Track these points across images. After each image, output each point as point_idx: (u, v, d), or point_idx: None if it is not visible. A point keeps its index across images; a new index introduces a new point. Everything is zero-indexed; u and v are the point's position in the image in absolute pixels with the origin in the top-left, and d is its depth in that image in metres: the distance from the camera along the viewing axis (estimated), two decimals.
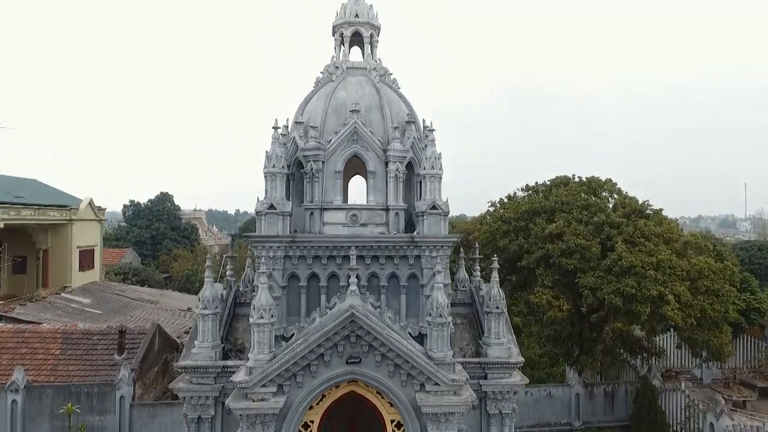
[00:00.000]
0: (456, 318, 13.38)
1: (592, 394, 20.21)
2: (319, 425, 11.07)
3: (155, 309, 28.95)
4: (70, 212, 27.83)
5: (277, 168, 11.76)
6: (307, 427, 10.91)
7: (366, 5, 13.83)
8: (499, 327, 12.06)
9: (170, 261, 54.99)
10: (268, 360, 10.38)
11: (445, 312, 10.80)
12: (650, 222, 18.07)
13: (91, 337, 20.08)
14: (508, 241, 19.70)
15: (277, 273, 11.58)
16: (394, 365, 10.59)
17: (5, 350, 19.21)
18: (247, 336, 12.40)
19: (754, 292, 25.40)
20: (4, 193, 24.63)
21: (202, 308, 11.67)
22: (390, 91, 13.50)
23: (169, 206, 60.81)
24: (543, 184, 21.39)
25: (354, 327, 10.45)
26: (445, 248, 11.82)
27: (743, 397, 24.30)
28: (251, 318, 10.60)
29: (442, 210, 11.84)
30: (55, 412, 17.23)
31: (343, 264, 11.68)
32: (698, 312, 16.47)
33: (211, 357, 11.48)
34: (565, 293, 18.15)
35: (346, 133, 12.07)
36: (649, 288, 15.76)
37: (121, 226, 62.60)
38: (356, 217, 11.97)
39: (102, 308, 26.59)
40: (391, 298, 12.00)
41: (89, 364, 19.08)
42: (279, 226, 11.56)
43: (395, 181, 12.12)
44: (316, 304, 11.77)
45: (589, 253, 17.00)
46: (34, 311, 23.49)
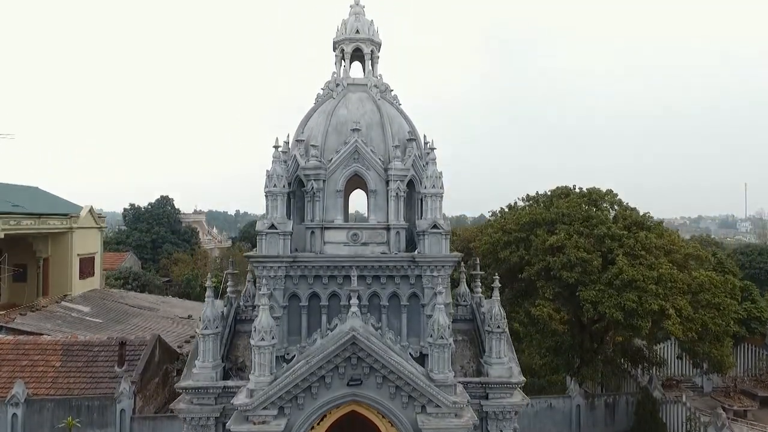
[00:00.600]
0: (457, 334, 13.36)
1: (593, 405, 20.18)
2: None
3: (155, 317, 28.95)
4: (71, 220, 27.81)
5: (278, 187, 11.74)
6: None
7: (367, 21, 13.81)
8: (500, 346, 12.04)
9: (170, 265, 55.00)
10: (269, 382, 10.37)
11: (446, 333, 10.79)
12: (651, 234, 18.05)
13: (91, 348, 20.06)
14: (509, 252, 19.67)
15: (278, 293, 11.55)
16: (395, 387, 10.58)
17: (6, 362, 19.19)
18: (248, 354, 12.38)
19: (755, 300, 25.39)
20: (3, 202, 24.60)
21: (203, 328, 11.64)
22: (391, 107, 13.48)
23: (169, 210, 60.81)
24: (544, 195, 21.38)
25: (355, 349, 10.44)
26: (446, 268, 11.79)
27: (744, 407, 24.28)
28: (252, 340, 10.58)
29: (443, 229, 11.81)
30: (56, 425, 17.21)
31: (344, 283, 11.66)
32: (699, 326, 16.45)
33: (212, 377, 11.45)
34: (566, 305, 18.13)
35: (347, 152, 12.05)
36: (650, 302, 15.73)
37: (121, 230, 62.57)
38: (357, 236, 11.95)
39: (102, 317, 26.57)
40: (392, 317, 11.98)
41: (90, 376, 19.05)
42: (279, 246, 11.53)
43: (396, 200, 12.09)
44: (317, 323, 11.76)
45: (590, 266, 16.98)
46: (35, 321, 23.47)
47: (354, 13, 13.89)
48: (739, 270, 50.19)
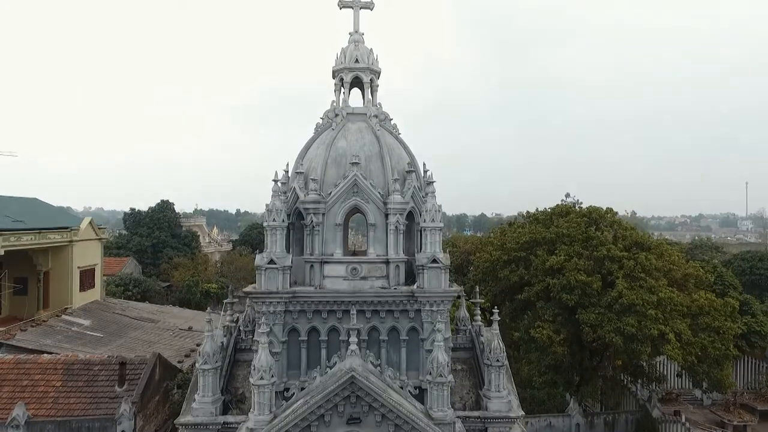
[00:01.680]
0: (456, 364, 13.41)
1: (593, 423, 20.22)
2: None
3: (155, 329, 28.99)
4: (71, 233, 27.80)
5: (277, 222, 11.74)
6: None
7: (366, 50, 13.76)
8: (500, 379, 12.05)
9: (171, 270, 55.03)
10: (268, 421, 10.40)
11: (445, 371, 10.81)
12: (651, 255, 18.03)
13: (91, 367, 20.05)
14: (508, 271, 19.67)
15: (278, 328, 11.57)
16: (394, 425, 10.60)
17: (6, 382, 19.20)
18: (247, 385, 12.39)
19: (755, 315, 25.36)
20: (3, 217, 24.60)
21: (203, 363, 11.67)
22: (390, 137, 13.46)
23: (169, 214, 60.83)
24: (543, 212, 21.35)
25: (354, 388, 10.46)
26: (445, 302, 11.78)
27: (744, 422, 24.33)
28: (251, 378, 10.60)
29: (442, 264, 11.81)
30: None
31: (343, 318, 11.67)
32: (699, 350, 16.47)
33: (212, 412, 11.48)
34: (565, 326, 18.13)
35: (347, 186, 12.05)
36: (650, 327, 15.74)
37: (122, 234, 62.61)
38: (356, 270, 11.95)
39: (102, 330, 26.61)
40: (391, 350, 12.00)
41: (90, 396, 19.06)
42: (279, 281, 11.54)
43: (395, 234, 12.09)
44: (317, 357, 11.78)
45: (589, 288, 16.98)
46: (35, 337, 23.51)
47: (353, 41, 13.85)
48: (740, 276, 50.38)
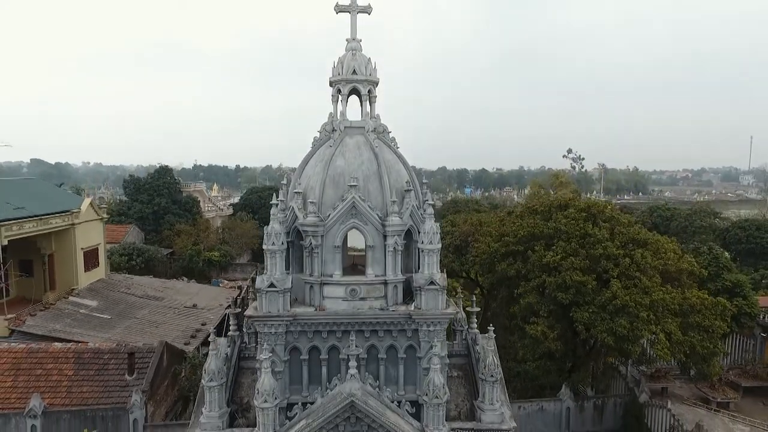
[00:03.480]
0: (452, 370, 13.97)
1: (583, 407, 21.20)
2: None
3: (161, 308, 29.72)
4: (72, 216, 27.96)
5: (277, 245, 11.87)
6: None
7: (364, 59, 13.36)
8: (493, 393, 12.58)
9: (173, 236, 55.56)
10: None
11: (441, 393, 11.30)
12: (647, 252, 18.26)
13: (102, 356, 20.82)
14: (506, 264, 19.98)
15: (279, 348, 11.95)
16: None
17: (21, 371, 20.01)
18: (252, 393, 12.93)
19: (747, 297, 25.89)
20: (3, 204, 24.66)
21: (208, 380, 12.14)
22: (388, 152, 13.33)
23: (169, 180, 60.72)
24: (543, 204, 21.39)
25: (353, 410, 10.98)
26: (442, 323, 12.10)
27: (727, 399, 25.39)
28: (256, 402, 11.10)
29: (439, 285, 12.03)
30: None
31: (343, 338, 12.03)
32: (687, 348, 17.03)
33: (219, 426, 12.08)
34: (560, 321, 18.64)
35: (345, 209, 12.07)
36: (641, 329, 16.22)
37: (122, 201, 62.76)
38: (355, 291, 12.19)
39: (109, 311, 27.31)
40: (389, 366, 12.44)
41: (102, 385, 19.92)
42: (279, 304, 11.81)
43: (393, 255, 12.24)
44: (318, 374, 12.25)
45: (584, 288, 17.33)
46: (45, 322, 24.20)
47: (351, 49, 13.42)
48: (737, 244, 50.87)
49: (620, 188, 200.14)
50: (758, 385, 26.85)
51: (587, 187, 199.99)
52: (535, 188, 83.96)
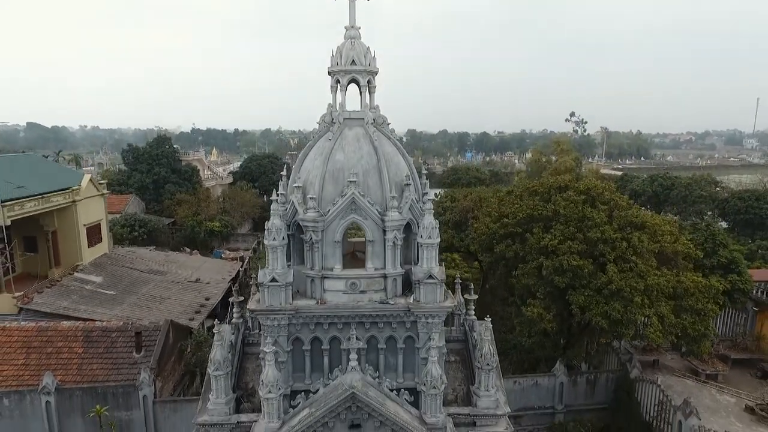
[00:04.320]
0: (450, 355, 14.43)
1: (576, 381, 21.96)
2: None
3: (164, 282, 30.25)
4: (73, 193, 28.05)
5: (278, 241, 12.03)
6: None
7: (363, 48, 13.11)
8: (489, 380, 13.04)
9: (174, 206, 55.81)
10: (278, 427, 11.54)
11: (438, 383, 11.76)
12: (644, 236, 18.45)
13: (109, 334, 21.43)
14: (504, 246, 20.22)
15: (282, 339, 12.32)
16: (391, 430, 11.73)
17: (32, 350, 20.66)
18: (257, 377, 13.48)
19: (741, 273, 26.27)
20: (4, 184, 24.69)
21: (214, 370, 12.55)
22: (388, 144, 13.29)
23: (167, 149, 60.41)
24: (542, 185, 21.41)
25: (355, 400, 11.45)
26: (440, 315, 12.42)
27: (716, 371, 26.24)
28: (261, 391, 11.56)
29: (438, 279, 12.27)
30: (86, 409, 19.03)
31: (343, 329, 12.39)
32: (679, 330, 17.49)
33: (226, 412, 12.60)
34: (556, 303, 19.05)
35: (345, 204, 12.17)
36: (635, 313, 16.61)
37: (122, 170, 62.63)
38: (355, 285, 12.44)
39: (114, 287, 27.83)
40: (389, 355, 12.87)
41: (111, 363, 20.60)
42: (282, 297, 12.09)
43: (393, 249, 12.42)
44: (320, 362, 12.68)
45: (581, 271, 17.62)
46: (52, 299, 24.71)
47: (350, 37, 13.15)
48: (735, 214, 51.06)
49: (622, 152, 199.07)
50: (747, 358, 27.70)
51: (589, 150, 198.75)
52: (536, 155, 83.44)
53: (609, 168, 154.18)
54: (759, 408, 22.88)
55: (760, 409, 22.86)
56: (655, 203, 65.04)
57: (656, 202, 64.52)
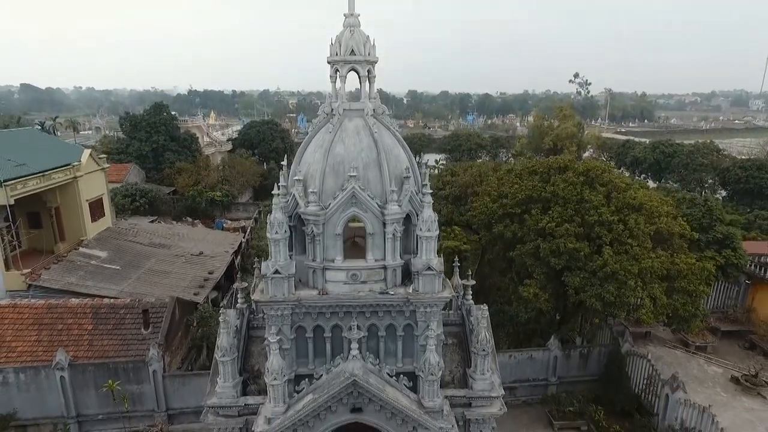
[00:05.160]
0: (448, 338, 14.98)
1: (569, 355, 22.74)
2: None
3: (168, 257, 30.71)
4: (74, 169, 28.08)
5: (280, 234, 12.29)
6: None
7: (363, 37, 12.94)
8: (485, 364, 13.64)
9: (174, 174, 55.77)
10: (283, 411, 12.19)
11: (436, 370, 12.31)
12: (641, 218, 18.66)
13: (117, 311, 22.04)
14: (503, 226, 20.48)
15: (286, 327, 12.79)
16: (391, 413, 12.39)
17: (44, 326, 21.31)
18: (262, 360, 14.15)
19: (736, 248, 26.64)
20: (4, 161, 24.71)
21: (221, 356, 13.12)
22: (387, 135, 13.33)
23: (165, 117, 59.72)
24: (542, 165, 21.43)
25: (356, 387, 12.03)
26: (438, 305, 12.83)
27: (705, 343, 27.08)
28: (266, 379, 12.13)
29: (436, 270, 12.61)
30: (99, 383, 19.87)
31: (345, 318, 12.84)
32: (670, 311, 17.99)
33: (233, 395, 13.26)
34: (552, 282, 19.47)
35: (345, 198, 12.36)
36: (628, 295, 17.06)
37: (120, 139, 62.14)
38: (356, 276, 12.79)
39: (119, 262, 28.30)
40: (389, 341, 13.38)
41: (120, 339, 21.30)
42: (285, 288, 12.47)
43: (393, 241, 12.70)
44: (323, 349, 13.21)
45: (577, 254, 17.96)
46: (59, 275, 25.20)
47: (349, 26, 12.96)
48: (735, 183, 51.06)
49: (626, 115, 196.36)
50: (737, 329, 28.50)
51: (592, 113, 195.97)
52: (538, 120, 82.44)
53: (611, 131, 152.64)
54: (744, 379, 23.80)
55: (745, 380, 23.78)
56: (656, 170, 64.89)
57: (657, 169, 64.35)
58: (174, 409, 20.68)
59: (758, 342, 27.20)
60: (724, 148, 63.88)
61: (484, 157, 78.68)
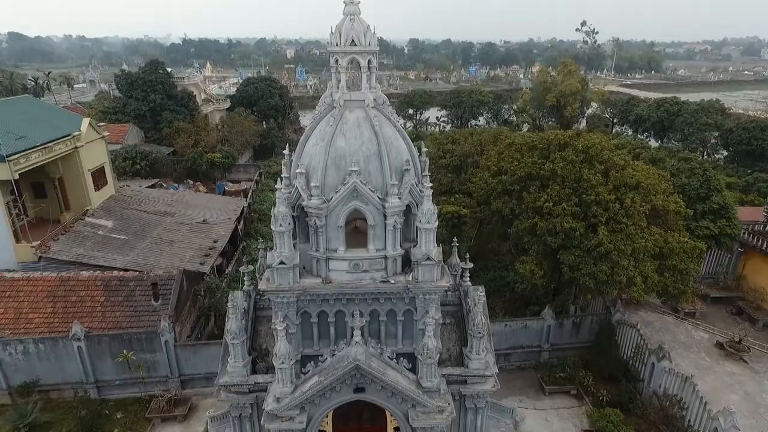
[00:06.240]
0: (445, 317, 15.71)
1: (562, 324, 23.73)
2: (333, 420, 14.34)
3: (173, 224, 31.27)
4: (74, 140, 28.08)
5: (284, 226, 12.68)
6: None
7: (363, 26, 12.79)
8: (480, 346, 14.40)
9: (173, 134, 55.47)
10: (291, 391, 13.08)
11: (433, 354, 13.08)
12: (638, 197, 18.96)
13: (127, 283, 22.83)
14: (501, 203, 20.82)
15: (291, 313, 13.45)
16: (391, 393, 13.28)
17: (58, 299, 22.17)
18: (269, 339, 14.96)
19: (730, 218, 27.08)
20: (4, 134, 24.70)
21: (232, 338, 13.85)
22: (388, 127, 13.42)
23: (161, 74, 58.64)
24: (542, 140, 21.43)
25: (359, 370, 12.84)
26: (437, 292, 13.43)
27: (695, 309, 28.10)
28: (275, 362, 12.92)
29: (435, 260, 13.09)
30: (114, 353, 20.96)
31: (348, 304, 13.49)
32: (660, 288, 18.64)
33: (244, 374, 14.11)
34: (548, 259, 20.03)
35: (347, 192, 12.64)
36: (621, 275, 17.64)
37: (117, 97, 61.20)
38: (358, 265, 13.29)
39: (125, 231, 28.88)
40: (389, 325, 14.08)
41: (132, 310, 22.20)
42: (290, 277, 13.02)
43: (393, 232, 13.11)
44: (327, 332, 13.94)
45: (573, 233, 18.40)
46: (67, 246, 25.84)
47: (349, 14, 12.77)
48: (737, 145, 50.87)
49: (632, 65, 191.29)
50: (726, 296, 29.47)
51: (598, 63, 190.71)
52: (543, 75, 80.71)
53: (616, 84, 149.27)
54: (728, 345, 24.97)
55: (728, 345, 24.95)
56: (659, 129, 64.34)
57: (660, 128, 63.79)
58: (186, 375, 21.89)
59: (745, 308, 28.22)
60: (729, 107, 62.98)
61: (486, 113, 77.62)
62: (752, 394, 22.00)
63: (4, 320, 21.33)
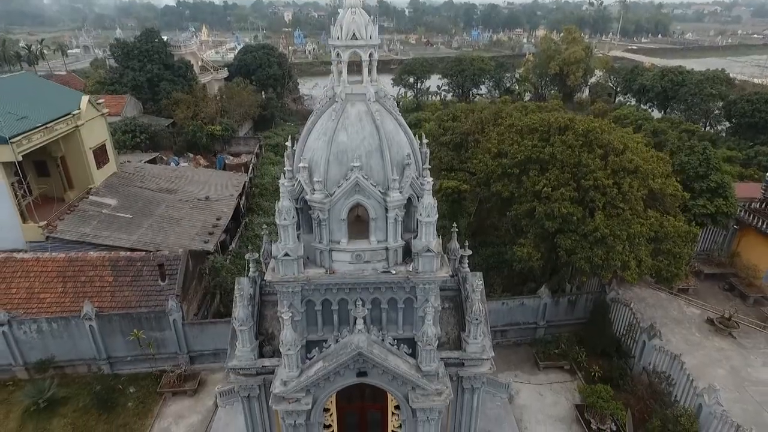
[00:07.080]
0: (444, 302, 16.31)
1: (558, 302, 24.43)
2: (337, 400, 15.14)
3: (176, 202, 31.60)
4: (75, 119, 28.04)
5: (288, 220, 13.04)
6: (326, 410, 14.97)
7: (364, 19, 12.77)
8: (477, 331, 15.02)
9: (171, 106, 55.02)
10: (296, 375, 13.77)
11: (433, 340, 13.70)
12: (636, 181, 19.19)
13: (135, 263, 23.39)
14: (501, 185, 21.07)
15: (296, 302, 13.98)
16: (392, 376, 13.98)
17: (68, 279, 22.78)
18: (275, 324, 15.61)
19: (727, 197, 27.37)
20: (5, 115, 24.69)
21: (239, 325, 14.45)
22: (389, 120, 13.57)
23: (157, 44, 57.57)
24: (543, 123, 21.46)
25: (361, 356, 13.49)
26: (436, 283, 13.92)
27: (688, 285, 28.79)
28: (282, 348, 13.55)
29: (434, 252, 13.52)
30: (125, 330, 21.73)
31: (350, 293, 14.01)
32: (653, 271, 19.14)
33: (251, 358, 14.79)
34: (545, 242, 20.45)
35: (349, 186, 12.93)
36: (615, 259, 18.10)
37: (113, 67, 60.25)
38: (360, 256, 13.72)
39: (130, 209, 29.25)
40: (390, 312, 14.64)
41: (140, 290, 22.85)
42: (294, 268, 13.48)
43: (394, 224, 13.48)
44: (331, 319, 14.53)
45: (571, 217, 18.75)
46: (73, 226, 26.27)
47: (350, 6, 12.73)
48: (740, 117, 50.52)
49: (639, 28, 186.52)
50: (720, 272, 30.11)
51: (604, 26, 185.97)
52: (546, 42, 79.12)
53: (622, 48, 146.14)
54: (718, 321, 25.76)
55: (719, 321, 25.74)
56: (663, 99, 63.65)
57: (664, 98, 63.10)
58: (194, 351, 22.75)
59: (737, 284, 28.90)
60: (735, 75, 62.03)
61: (488, 82, 76.50)
62: (738, 369, 22.90)
63: (17, 299, 22.01)
